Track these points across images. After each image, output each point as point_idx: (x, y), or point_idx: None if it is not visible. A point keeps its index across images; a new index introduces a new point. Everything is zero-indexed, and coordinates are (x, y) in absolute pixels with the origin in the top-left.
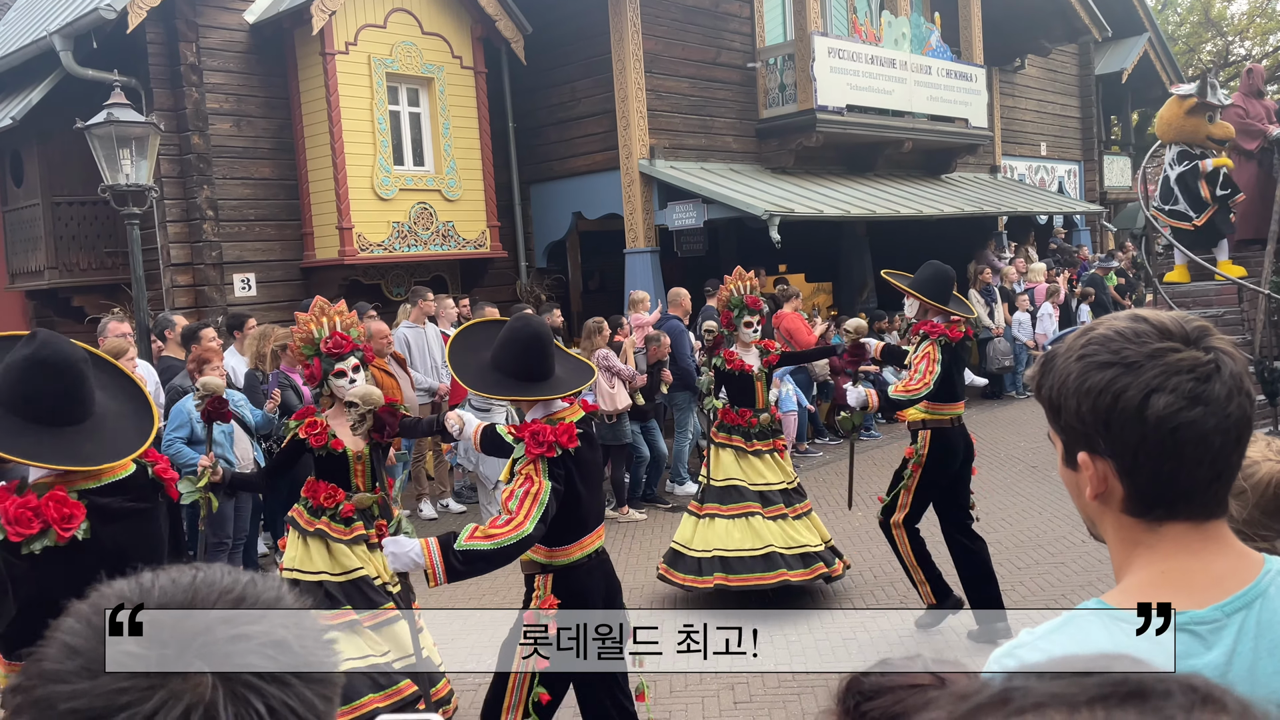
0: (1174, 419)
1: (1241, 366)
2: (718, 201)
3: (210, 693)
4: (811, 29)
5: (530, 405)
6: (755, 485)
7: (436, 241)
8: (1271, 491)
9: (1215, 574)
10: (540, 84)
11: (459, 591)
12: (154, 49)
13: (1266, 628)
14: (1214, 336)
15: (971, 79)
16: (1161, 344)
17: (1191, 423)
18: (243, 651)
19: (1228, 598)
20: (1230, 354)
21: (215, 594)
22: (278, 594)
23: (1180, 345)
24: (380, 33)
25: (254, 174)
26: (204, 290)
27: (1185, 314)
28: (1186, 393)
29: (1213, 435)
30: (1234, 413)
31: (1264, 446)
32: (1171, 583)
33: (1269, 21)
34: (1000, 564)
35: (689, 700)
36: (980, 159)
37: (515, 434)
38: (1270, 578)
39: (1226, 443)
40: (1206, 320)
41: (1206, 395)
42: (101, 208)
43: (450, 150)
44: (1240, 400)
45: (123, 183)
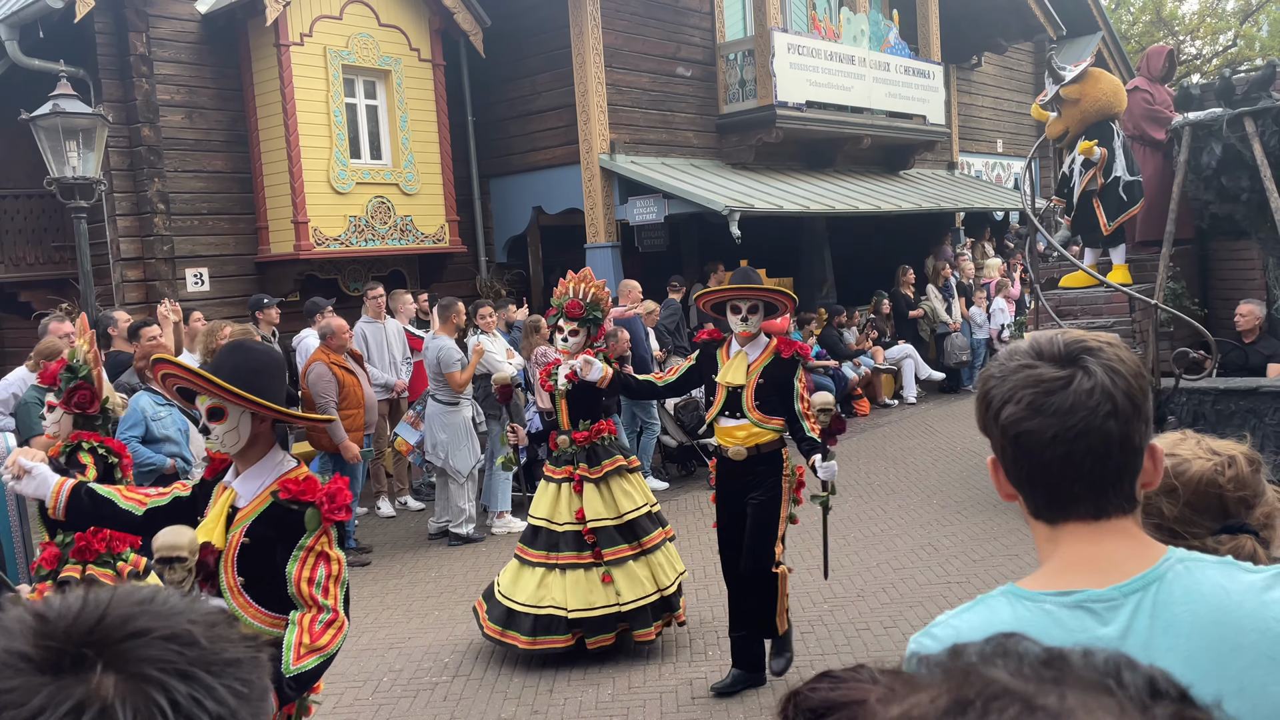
0: (1015, 427)
1: (1113, 384)
2: (678, 197)
3: (105, 688)
4: (771, 25)
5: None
6: (558, 525)
7: (394, 236)
8: (1202, 489)
9: (1115, 560)
10: (499, 77)
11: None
12: (102, 39)
13: (1163, 607)
14: (1093, 356)
15: (929, 76)
16: (1026, 360)
17: (1030, 431)
18: (141, 646)
19: (1126, 580)
20: (1096, 371)
21: (117, 597)
22: (193, 603)
23: (1039, 362)
24: (336, 24)
25: (206, 167)
26: (155, 285)
27: (1078, 334)
28: (1028, 404)
29: (1054, 444)
30: (1078, 425)
31: (1194, 444)
32: (1073, 568)
33: (1219, 21)
34: (958, 554)
35: (647, 696)
36: (938, 156)
37: (305, 499)
38: (1169, 564)
39: (1075, 450)
40: (1108, 336)
41: (1047, 407)
42: (49, 201)
43: (408, 144)
44: (1090, 414)
45: (69, 175)
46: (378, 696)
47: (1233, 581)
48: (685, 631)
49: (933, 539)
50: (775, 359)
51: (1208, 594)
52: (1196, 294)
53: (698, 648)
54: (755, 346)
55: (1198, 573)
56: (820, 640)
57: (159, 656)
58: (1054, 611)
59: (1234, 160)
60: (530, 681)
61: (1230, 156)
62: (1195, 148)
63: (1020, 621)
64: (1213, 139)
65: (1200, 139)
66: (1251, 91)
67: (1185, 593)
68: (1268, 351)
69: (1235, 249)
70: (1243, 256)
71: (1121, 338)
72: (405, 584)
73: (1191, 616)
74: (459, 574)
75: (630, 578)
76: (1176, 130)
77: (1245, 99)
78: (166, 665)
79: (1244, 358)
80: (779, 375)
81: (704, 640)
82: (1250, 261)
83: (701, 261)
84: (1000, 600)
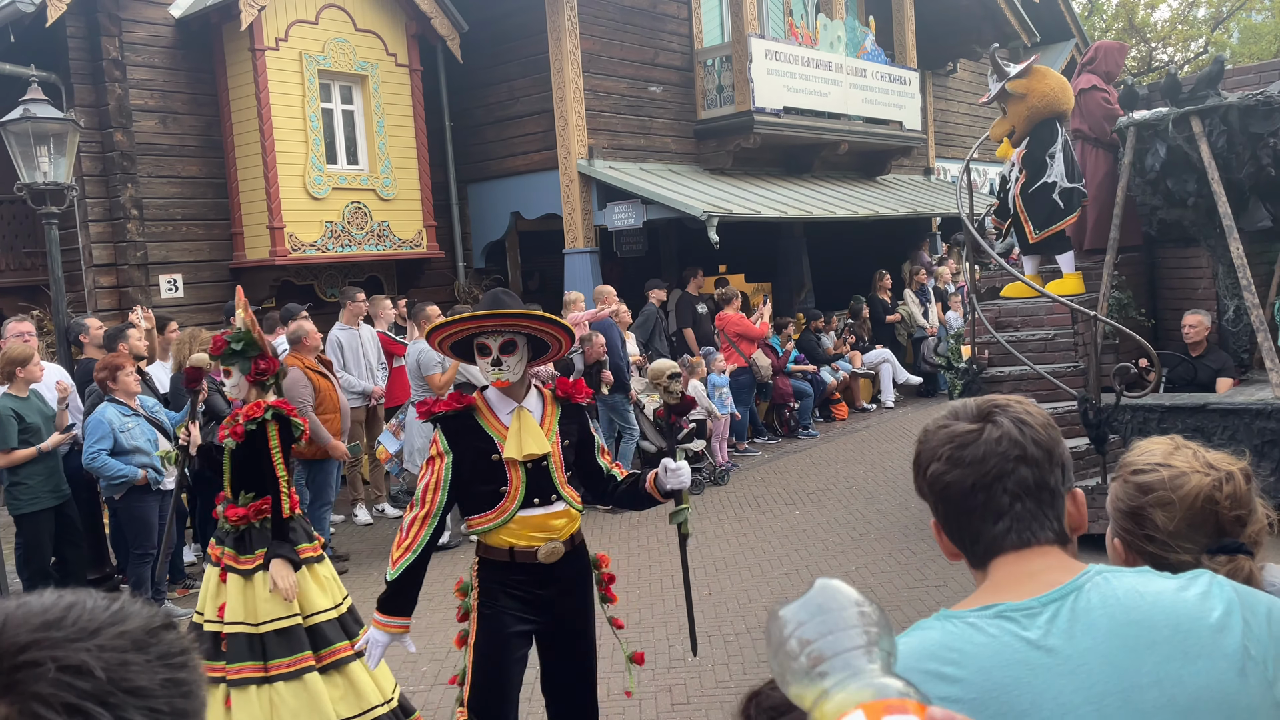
0: (940, 481)
1: (1021, 433)
2: (656, 202)
3: None
4: (748, 31)
5: None
6: (232, 627)
7: (371, 241)
8: (1199, 505)
9: (1035, 576)
10: (477, 83)
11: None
12: (74, 43)
13: (1081, 613)
14: (1001, 411)
15: (905, 82)
16: (944, 421)
17: (952, 483)
18: (30, 679)
19: (1046, 591)
20: (1004, 423)
21: (15, 619)
22: (116, 617)
23: (955, 421)
24: (312, 29)
25: (181, 172)
26: (128, 291)
27: (992, 396)
28: (947, 458)
29: (974, 491)
30: (993, 470)
31: (1191, 458)
32: (997, 587)
33: (1190, 29)
34: (936, 558)
35: (625, 703)
36: (914, 161)
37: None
38: (1089, 577)
39: (994, 495)
40: (1018, 397)
41: (963, 459)
42: (20, 207)
43: (385, 149)
44: (1001, 459)
45: (40, 181)
46: None
47: (1147, 585)
48: (665, 637)
49: (910, 543)
50: (565, 408)
51: (1123, 598)
52: (1144, 304)
53: (676, 654)
54: (531, 398)
55: (1115, 580)
56: None
57: (46, 692)
58: (977, 623)
59: (1180, 162)
60: None
61: (1176, 158)
62: (1140, 149)
63: (949, 636)
64: (1158, 140)
65: (1145, 140)
66: (1198, 89)
67: (1103, 599)
68: (1217, 365)
69: (1185, 256)
70: (1193, 265)
71: (1064, 350)
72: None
73: (1109, 619)
74: (436, 581)
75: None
76: (1121, 131)
77: (1192, 97)
78: (54, 699)
79: (1192, 372)
80: (573, 429)
81: (683, 646)
82: (1201, 270)
83: (680, 267)
84: (932, 622)
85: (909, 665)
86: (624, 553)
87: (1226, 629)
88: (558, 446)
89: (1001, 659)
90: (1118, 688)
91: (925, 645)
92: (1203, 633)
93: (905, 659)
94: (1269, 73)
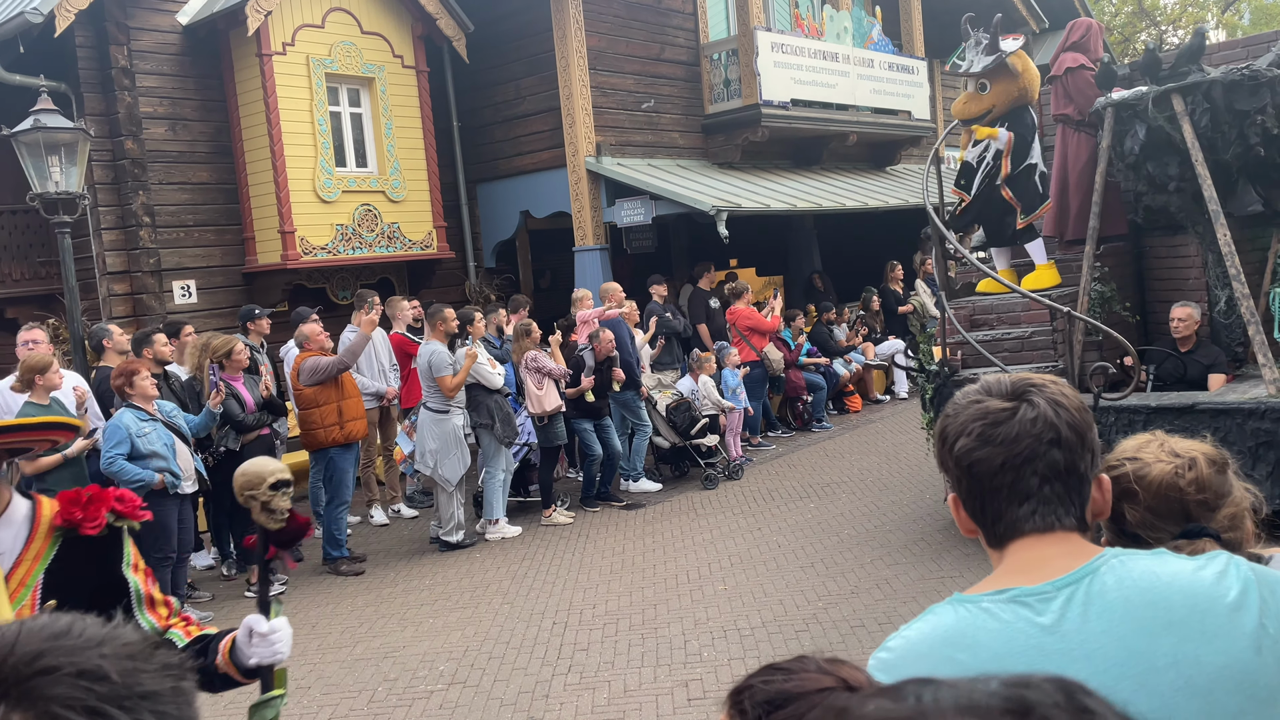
0: (968, 457)
1: (1057, 415)
2: (665, 198)
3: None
4: (754, 24)
5: None
6: None
7: (382, 243)
8: (1162, 493)
9: (1050, 562)
10: (484, 82)
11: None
12: (83, 53)
13: (1096, 596)
14: (1038, 391)
15: (913, 71)
16: (976, 397)
17: (980, 460)
18: (48, 683)
19: (1060, 575)
20: (1040, 404)
21: (27, 632)
22: (115, 632)
23: (987, 398)
24: (318, 32)
25: (191, 178)
26: (142, 299)
27: (1025, 374)
28: (978, 435)
29: (1003, 471)
30: (1024, 451)
31: (1156, 447)
32: (1012, 572)
33: (1200, 10)
34: (951, 548)
35: (642, 699)
36: (924, 150)
37: None
38: (1103, 560)
39: (1023, 476)
40: (1053, 376)
41: (995, 437)
42: (34, 216)
43: (393, 151)
44: (1034, 441)
45: (52, 190)
46: (373, 706)
47: (1163, 566)
48: (680, 633)
49: (926, 534)
50: (69, 542)
51: (1138, 580)
52: (1131, 297)
53: (693, 649)
54: (11, 520)
55: (1130, 563)
56: (815, 638)
57: (66, 694)
58: (990, 608)
59: (1161, 144)
60: (526, 687)
61: (1157, 139)
62: (1119, 131)
63: (961, 622)
64: (1137, 120)
65: (1124, 121)
66: (1180, 65)
67: (1118, 581)
68: (1207, 361)
69: (1174, 245)
70: (1182, 254)
71: (1043, 349)
72: (400, 592)
73: (1124, 601)
74: (453, 580)
75: None
76: (1098, 112)
77: (1173, 74)
78: (74, 702)
79: (1181, 368)
80: (86, 575)
81: (699, 642)
82: (1190, 259)
83: (691, 262)
84: (945, 607)
85: (921, 651)
86: (638, 549)
87: (1243, 608)
88: (32, 601)
89: (1014, 645)
90: (1134, 671)
91: (938, 631)
92: (1220, 612)
93: (918, 644)
94: (1256, 46)
